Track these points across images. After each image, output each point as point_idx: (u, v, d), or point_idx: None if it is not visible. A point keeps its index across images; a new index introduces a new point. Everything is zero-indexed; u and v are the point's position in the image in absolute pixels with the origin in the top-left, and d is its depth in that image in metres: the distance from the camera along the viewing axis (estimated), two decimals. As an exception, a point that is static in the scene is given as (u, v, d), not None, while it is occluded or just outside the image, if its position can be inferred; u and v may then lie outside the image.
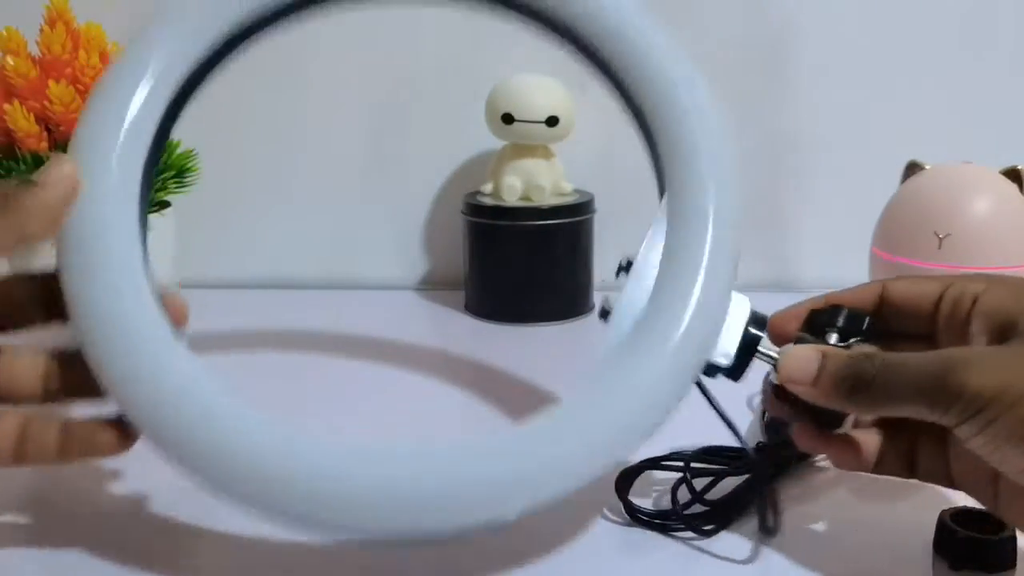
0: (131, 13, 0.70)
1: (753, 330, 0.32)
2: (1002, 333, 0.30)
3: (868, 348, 0.32)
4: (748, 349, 0.32)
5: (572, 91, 0.66)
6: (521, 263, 0.64)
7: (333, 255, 0.76)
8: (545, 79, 0.65)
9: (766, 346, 0.32)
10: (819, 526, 0.35)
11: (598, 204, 0.67)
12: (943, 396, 0.28)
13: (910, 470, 0.33)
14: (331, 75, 0.73)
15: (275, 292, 0.73)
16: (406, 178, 0.75)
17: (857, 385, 0.30)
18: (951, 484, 0.33)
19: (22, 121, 0.50)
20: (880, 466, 0.33)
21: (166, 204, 0.58)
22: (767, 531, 0.34)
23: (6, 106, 0.50)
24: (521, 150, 0.65)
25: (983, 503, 0.32)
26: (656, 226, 0.32)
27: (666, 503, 0.36)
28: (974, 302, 0.31)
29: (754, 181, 0.73)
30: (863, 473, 0.34)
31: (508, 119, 0.63)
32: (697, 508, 0.35)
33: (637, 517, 0.35)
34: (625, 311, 0.30)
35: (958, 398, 0.27)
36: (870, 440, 0.33)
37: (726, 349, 0.31)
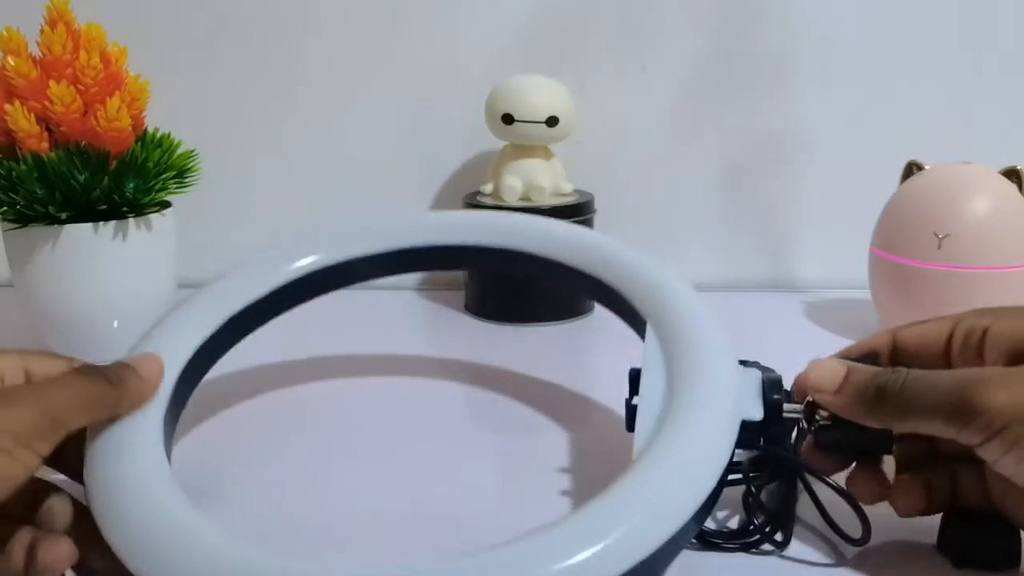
0: (131, 13, 0.71)
1: (773, 394, 0.35)
2: (1016, 357, 0.30)
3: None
4: (773, 407, 0.34)
5: (572, 91, 0.66)
6: (521, 263, 0.64)
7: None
8: (545, 79, 0.65)
9: (790, 406, 0.35)
10: (825, 525, 0.35)
11: (598, 204, 0.67)
12: (962, 414, 0.28)
13: (956, 503, 0.33)
14: (331, 76, 0.73)
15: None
16: (406, 178, 0.75)
17: (880, 396, 0.30)
18: (1000, 512, 0.32)
19: (23, 121, 0.50)
20: (931, 510, 0.34)
21: (166, 204, 0.58)
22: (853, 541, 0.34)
23: (7, 106, 0.50)
24: (521, 150, 0.65)
25: None
26: (648, 352, 0.36)
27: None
28: (984, 334, 0.32)
29: (754, 182, 0.73)
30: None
31: (508, 119, 0.63)
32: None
33: (709, 540, 0.34)
34: (647, 414, 0.33)
35: (977, 416, 0.28)
36: (913, 482, 0.34)
37: (754, 410, 0.34)
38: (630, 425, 0.34)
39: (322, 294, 0.46)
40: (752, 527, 0.35)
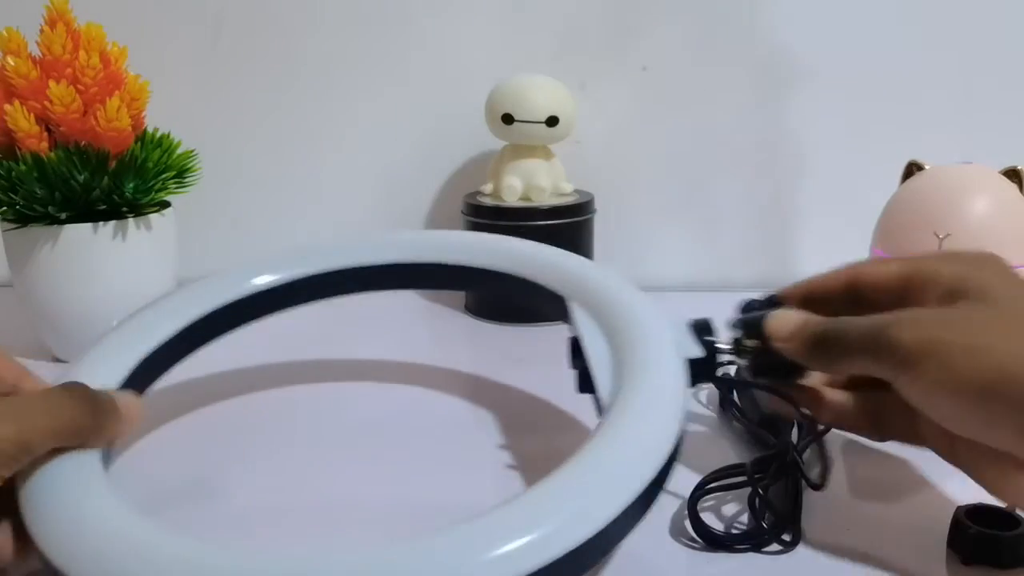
0: (131, 13, 0.71)
1: (704, 334, 0.38)
2: (953, 301, 0.32)
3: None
4: (708, 344, 0.37)
5: (572, 91, 0.66)
6: (521, 263, 0.64)
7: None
8: (545, 79, 0.65)
9: (721, 342, 0.38)
10: (837, 522, 0.35)
11: (598, 204, 0.67)
12: (880, 351, 0.30)
13: (876, 430, 0.36)
14: (331, 77, 0.73)
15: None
16: (406, 178, 0.75)
17: (820, 342, 0.33)
18: (919, 441, 0.34)
19: (22, 121, 0.50)
20: (849, 424, 0.37)
21: (166, 204, 0.58)
22: (814, 486, 0.35)
23: (7, 106, 0.50)
24: (521, 150, 0.65)
25: (942, 456, 0.33)
26: (580, 322, 0.40)
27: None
28: (936, 278, 0.33)
29: (755, 182, 0.73)
30: (880, 468, 0.36)
31: (508, 119, 0.63)
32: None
33: (718, 542, 0.35)
34: (603, 373, 0.36)
35: (892, 353, 0.30)
36: (838, 398, 0.37)
37: (694, 350, 0.37)
38: (582, 387, 0.37)
39: (267, 315, 0.47)
40: (761, 528, 0.35)
